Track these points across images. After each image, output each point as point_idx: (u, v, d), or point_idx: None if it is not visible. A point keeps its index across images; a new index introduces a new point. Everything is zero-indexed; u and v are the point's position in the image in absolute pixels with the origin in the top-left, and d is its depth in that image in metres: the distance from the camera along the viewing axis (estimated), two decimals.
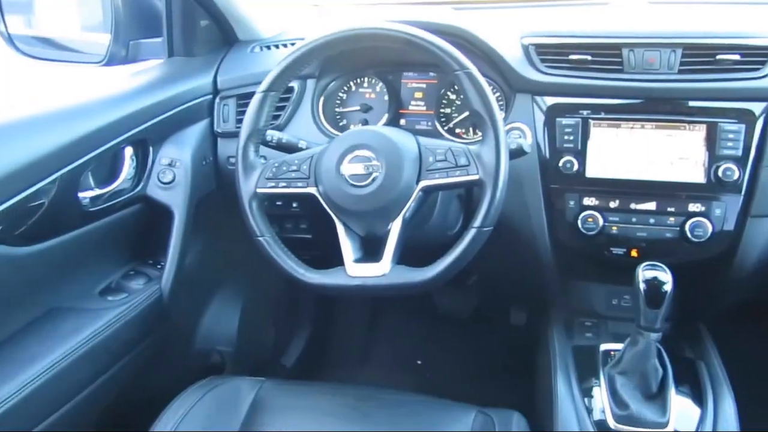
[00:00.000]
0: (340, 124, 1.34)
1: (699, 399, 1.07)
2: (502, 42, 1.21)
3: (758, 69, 1.10)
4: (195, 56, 1.40)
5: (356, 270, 0.97)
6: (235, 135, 1.09)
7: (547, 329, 1.28)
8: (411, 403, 1.09)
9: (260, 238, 1.02)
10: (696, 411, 1.05)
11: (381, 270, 0.96)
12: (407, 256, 0.99)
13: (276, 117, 1.28)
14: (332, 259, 1.01)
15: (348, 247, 1.00)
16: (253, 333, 1.64)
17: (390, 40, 0.99)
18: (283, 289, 1.70)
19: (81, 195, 1.12)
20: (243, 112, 1.08)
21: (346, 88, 1.35)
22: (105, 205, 1.17)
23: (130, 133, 1.16)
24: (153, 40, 1.37)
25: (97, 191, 1.17)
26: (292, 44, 1.39)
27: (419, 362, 1.91)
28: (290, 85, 1.24)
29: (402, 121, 1.32)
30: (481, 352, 1.85)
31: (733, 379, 1.12)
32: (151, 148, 1.24)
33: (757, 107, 1.10)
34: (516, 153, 1.03)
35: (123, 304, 1.18)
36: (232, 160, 1.23)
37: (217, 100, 1.34)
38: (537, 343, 1.36)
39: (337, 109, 1.35)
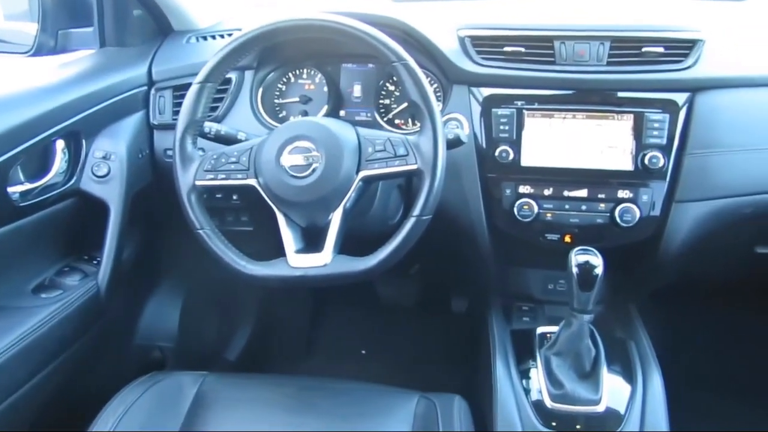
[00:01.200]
0: (280, 115, 1.34)
1: (629, 376, 1.12)
2: (439, 34, 1.23)
3: (681, 61, 1.15)
4: (128, 46, 1.37)
5: (298, 261, 0.98)
6: (171, 127, 1.08)
7: (486, 315, 1.32)
8: (355, 390, 1.11)
9: (200, 231, 1.01)
10: (627, 388, 1.10)
11: (322, 260, 0.97)
12: (349, 245, 1.00)
13: (214, 109, 1.27)
14: (274, 251, 1.01)
15: (289, 238, 1.00)
16: (195, 328, 1.62)
17: (327, 31, 0.99)
18: (225, 283, 1.68)
19: (10, 190, 1.08)
20: (179, 104, 1.06)
21: (285, 80, 1.34)
22: (36, 200, 1.13)
23: (60, 126, 1.13)
24: (83, 30, 1.33)
25: (28, 186, 1.14)
26: (229, 35, 1.37)
27: (363, 352, 1.92)
28: (228, 76, 1.23)
29: (342, 113, 1.33)
30: (424, 340, 1.88)
31: (661, 356, 1.18)
32: (84, 141, 1.21)
33: (680, 97, 1.15)
34: (453, 143, 1.05)
35: (57, 302, 1.15)
36: (170, 152, 1.21)
37: (153, 91, 1.32)
38: (477, 329, 1.39)
39: (276, 101, 1.34)
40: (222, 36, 1.38)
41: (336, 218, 0.98)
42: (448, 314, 1.84)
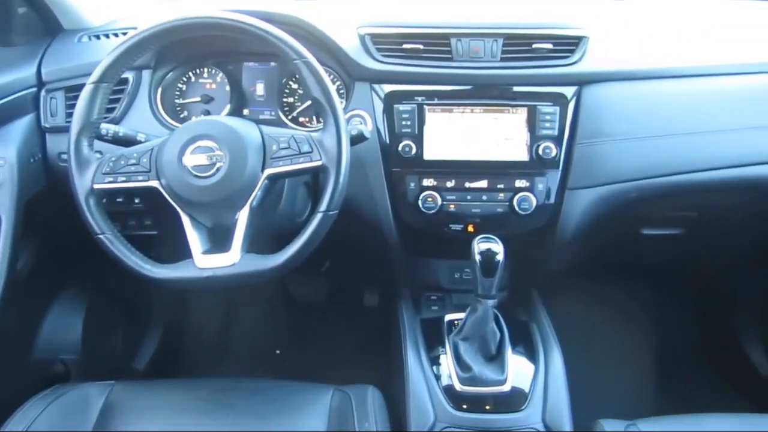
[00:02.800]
0: (181, 115, 1.31)
1: (532, 356, 1.18)
2: (340, 32, 1.24)
3: (568, 56, 1.22)
4: (13, 46, 1.30)
5: (205, 261, 0.97)
6: (65, 130, 1.04)
7: (396, 306, 1.35)
8: (269, 389, 1.11)
9: (101, 236, 0.98)
10: (530, 367, 1.16)
11: (231, 260, 0.96)
12: (257, 244, 1.00)
13: (111, 110, 1.22)
14: (181, 253, 0.99)
15: (195, 239, 0.99)
16: (100, 337, 1.57)
17: (226, 29, 0.99)
18: (130, 289, 1.63)
19: None
20: (73, 106, 1.03)
21: (185, 79, 1.32)
22: None
23: None
24: None
25: None
26: (124, 33, 1.33)
27: (278, 352, 1.92)
28: (124, 76, 1.19)
29: (245, 111, 1.32)
30: (338, 336, 1.90)
31: (561, 336, 1.25)
32: None
33: (568, 91, 1.22)
34: (357, 139, 1.08)
35: None
36: (64, 156, 1.16)
37: (43, 93, 1.26)
38: (389, 321, 1.42)
39: (176, 101, 1.31)
40: (116, 35, 1.34)
41: (243, 217, 0.98)
42: (361, 308, 1.86)
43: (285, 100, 1.31)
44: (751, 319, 1.81)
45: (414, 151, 1.20)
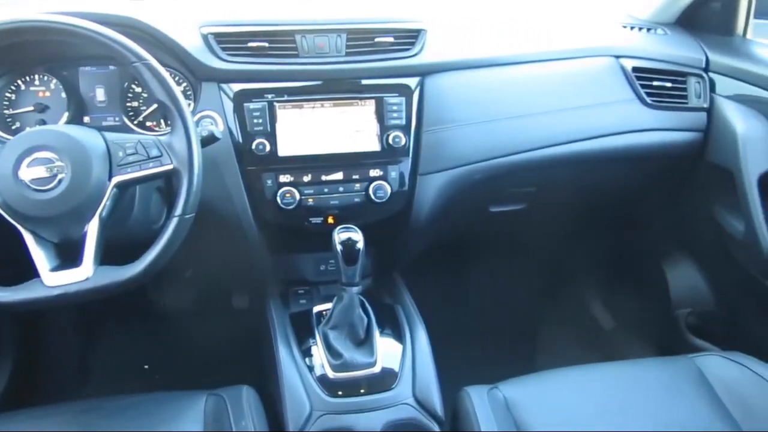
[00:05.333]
0: (13, 127, 1.22)
1: (399, 337, 1.24)
2: (181, 32, 1.22)
3: (409, 49, 1.28)
4: None
5: (55, 279, 0.92)
6: None
7: (265, 304, 1.35)
8: (138, 403, 1.07)
9: None
10: (398, 347, 1.21)
11: (83, 274, 0.92)
12: (112, 255, 0.96)
13: None
14: (28, 274, 0.93)
15: (41, 257, 0.93)
16: None
17: (56, 33, 0.94)
18: None
19: None
20: None
21: (13, 88, 1.23)
22: None
23: None
24: None
25: None
26: None
27: (146, 366, 1.84)
28: None
29: (86, 119, 1.25)
30: (209, 342, 1.86)
31: (425, 314, 1.32)
32: None
33: (412, 82, 1.28)
34: (208, 140, 1.06)
35: None
36: None
37: None
38: (259, 320, 1.42)
39: (6, 111, 1.22)
40: None
41: (92, 229, 0.94)
42: (231, 311, 1.84)
43: (129, 104, 1.26)
44: (592, 281, 2.00)
45: (268, 148, 1.20)
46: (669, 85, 1.43)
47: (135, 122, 1.26)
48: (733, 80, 1.41)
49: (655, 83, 1.42)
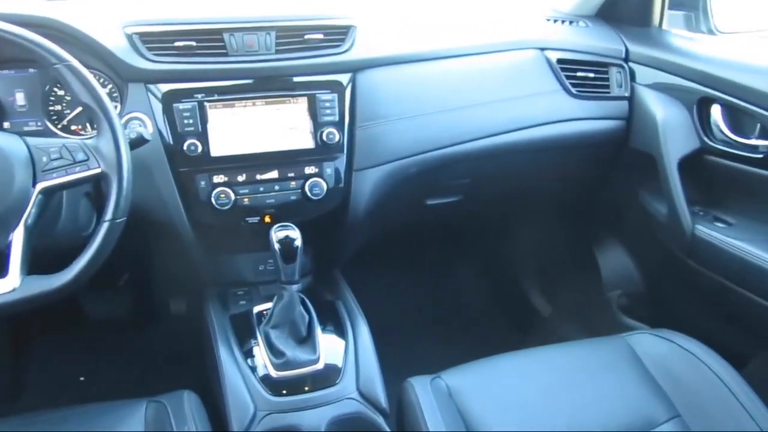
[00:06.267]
0: None
1: (341, 333, 1.24)
2: (104, 32, 1.18)
3: (339, 45, 1.28)
4: None
5: None
6: None
7: (203, 308, 1.33)
8: (74, 416, 1.04)
9: None
10: (341, 343, 1.22)
11: (9, 285, 0.88)
12: (41, 264, 0.93)
13: None
14: None
15: None
16: None
17: None
18: None
19: None
20: None
21: None
22: None
23: None
24: None
25: None
26: None
27: (82, 378, 1.78)
28: None
29: (6, 124, 1.20)
30: (148, 350, 1.82)
31: (367, 309, 1.33)
32: None
33: (343, 78, 1.28)
34: (137, 142, 1.04)
35: None
36: None
37: None
38: (199, 324, 1.40)
39: None
40: None
41: (18, 237, 0.90)
42: (169, 317, 1.80)
43: (51, 108, 1.21)
44: (529, 268, 2.05)
45: (200, 149, 1.18)
46: (592, 75, 1.48)
47: (59, 126, 1.22)
48: (651, 69, 1.47)
49: (578, 74, 1.47)
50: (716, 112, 1.36)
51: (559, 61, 1.46)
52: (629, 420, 1.07)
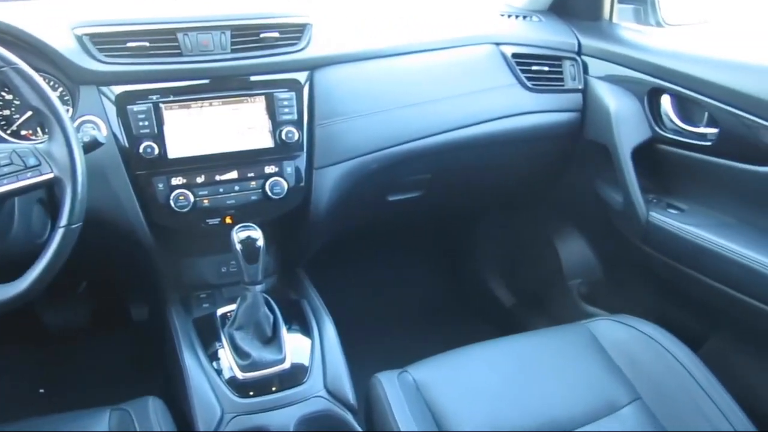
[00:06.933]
0: None
1: (307, 331, 1.24)
2: (52, 34, 1.15)
3: (295, 43, 1.27)
4: None
5: None
6: None
7: (166, 312, 1.31)
8: (36, 426, 1.02)
9: None
10: (307, 342, 1.22)
11: None
12: None
13: None
14: None
15: None
16: None
17: None
18: None
19: None
20: None
21: None
22: None
23: None
24: None
25: None
26: None
27: (42, 390, 1.74)
28: None
29: None
30: (110, 358, 1.78)
31: (332, 308, 1.33)
32: None
33: (301, 76, 1.28)
34: (91, 146, 1.02)
35: None
36: None
37: None
38: (162, 329, 1.38)
39: None
40: None
41: None
42: (131, 324, 1.77)
43: (0, 113, 1.18)
44: (491, 261, 2.08)
45: (157, 151, 1.16)
46: (546, 69, 1.51)
47: (8, 132, 1.18)
48: (603, 62, 1.51)
49: (533, 68, 1.49)
50: (666, 102, 1.40)
51: (514, 55, 1.48)
52: (593, 405, 1.09)
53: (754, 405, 1.10)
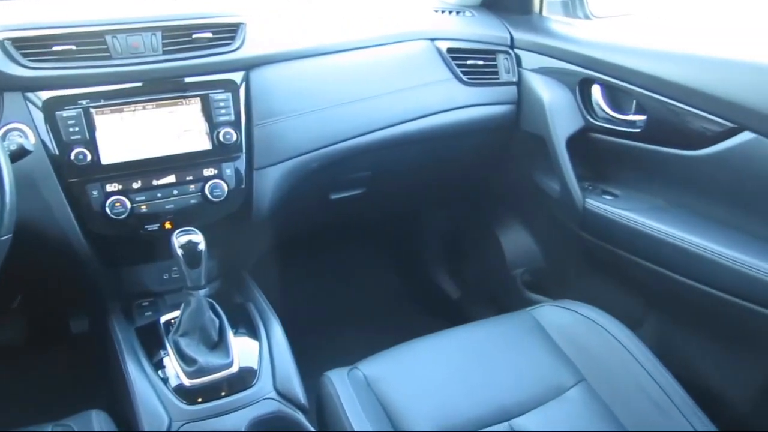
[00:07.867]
0: None
1: (254, 334, 1.23)
2: None
3: (229, 43, 1.25)
4: None
5: None
6: None
7: (107, 323, 1.27)
8: None
9: None
10: (254, 345, 1.20)
11: None
12: None
13: None
14: None
15: None
16: None
17: None
18: None
19: None
20: None
21: None
22: None
23: None
24: None
25: None
26: None
27: None
28: None
29: None
30: (49, 374, 1.72)
31: (281, 310, 1.32)
32: None
33: (236, 76, 1.26)
34: (18, 154, 0.98)
35: None
36: None
37: None
38: (104, 340, 1.34)
39: None
40: None
41: None
42: (70, 337, 1.71)
43: None
44: (436, 255, 2.10)
45: (89, 157, 1.13)
46: (481, 63, 1.53)
47: None
48: (535, 54, 1.54)
49: (468, 62, 1.52)
50: (596, 91, 1.44)
51: (449, 50, 1.50)
52: (540, 389, 1.12)
53: (691, 380, 1.15)
